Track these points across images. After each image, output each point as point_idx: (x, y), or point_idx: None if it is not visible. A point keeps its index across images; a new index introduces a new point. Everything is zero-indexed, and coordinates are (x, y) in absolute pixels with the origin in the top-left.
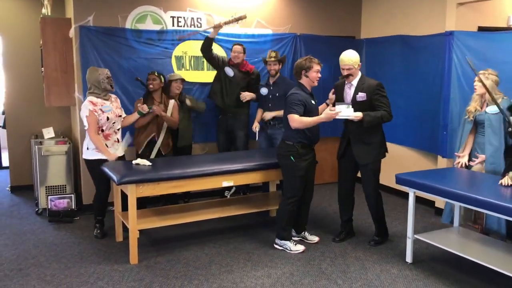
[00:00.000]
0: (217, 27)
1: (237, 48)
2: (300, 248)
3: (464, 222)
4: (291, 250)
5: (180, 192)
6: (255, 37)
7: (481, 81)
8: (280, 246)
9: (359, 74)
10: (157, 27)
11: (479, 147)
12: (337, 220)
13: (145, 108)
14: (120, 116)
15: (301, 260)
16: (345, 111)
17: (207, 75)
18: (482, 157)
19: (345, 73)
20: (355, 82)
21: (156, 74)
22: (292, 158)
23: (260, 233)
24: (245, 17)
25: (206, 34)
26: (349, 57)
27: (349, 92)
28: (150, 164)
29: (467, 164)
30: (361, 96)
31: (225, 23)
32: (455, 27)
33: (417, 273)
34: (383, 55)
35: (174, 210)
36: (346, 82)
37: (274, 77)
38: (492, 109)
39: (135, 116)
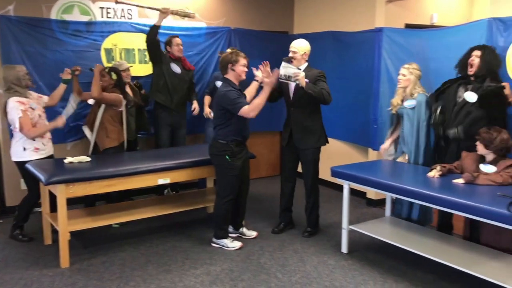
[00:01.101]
0: (164, 12)
1: (179, 40)
2: (237, 244)
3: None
4: (228, 247)
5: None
6: (188, 30)
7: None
8: (217, 244)
9: (306, 63)
10: (85, 18)
11: (402, 139)
12: (274, 215)
13: (67, 72)
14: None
15: (240, 256)
16: (290, 69)
17: (139, 68)
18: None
19: (290, 54)
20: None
21: (106, 70)
22: (227, 157)
23: (197, 230)
24: (194, 16)
25: (137, 26)
26: (297, 43)
27: None
28: (89, 160)
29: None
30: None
31: (172, 13)
32: (384, 24)
33: (353, 262)
34: (315, 50)
35: (107, 210)
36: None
37: None
38: (409, 103)
39: (61, 87)
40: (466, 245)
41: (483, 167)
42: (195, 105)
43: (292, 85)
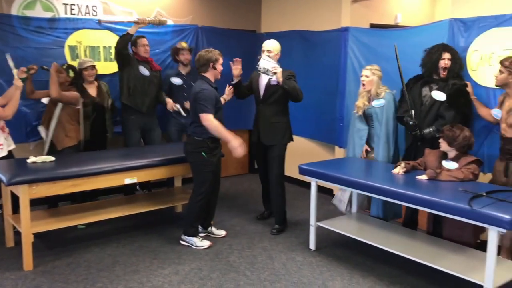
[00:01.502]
0: (141, 23)
1: (145, 41)
2: (206, 243)
3: (359, 208)
4: (197, 246)
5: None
6: (155, 28)
7: (396, 55)
8: (186, 242)
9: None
10: (48, 15)
11: (371, 139)
12: (243, 213)
13: (22, 71)
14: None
15: (209, 255)
16: (270, 63)
17: (105, 66)
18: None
19: (265, 53)
20: None
21: (63, 66)
22: (204, 154)
23: (165, 230)
24: (165, 23)
25: (102, 23)
26: (271, 43)
27: (264, 78)
28: (53, 160)
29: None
30: (275, 80)
31: (149, 22)
32: (350, 24)
33: (321, 258)
34: (282, 49)
35: (72, 210)
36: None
37: (186, 66)
38: (377, 102)
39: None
40: (429, 240)
41: (446, 164)
42: (168, 100)
43: (262, 83)
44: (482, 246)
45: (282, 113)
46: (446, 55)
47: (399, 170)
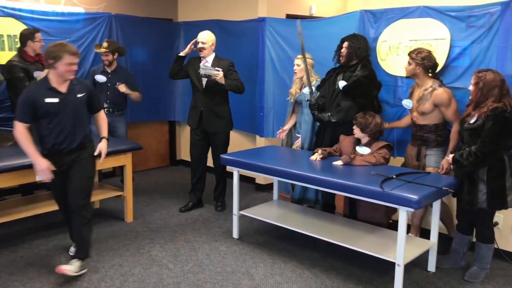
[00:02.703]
0: None
1: (40, 35)
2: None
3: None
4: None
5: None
6: (65, 16)
7: (305, 60)
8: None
9: (213, 54)
10: None
11: (299, 125)
12: (166, 206)
13: None
14: None
15: (130, 250)
16: (210, 70)
17: (10, 56)
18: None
19: (199, 45)
20: (210, 59)
21: None
22: None
23: None
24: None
25: (6, 10)
26: (205, 34)
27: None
28: None
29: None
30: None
31: None
32: (267, 14)
33: (244, 247)
34: None
35: None
36: (201, 59)
37: (109, 66)
38: (306, 90)
39: None
40: (346, 222)
41: (359, 149)
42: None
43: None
44: (394, 225)
45: (223, 103)
46: (345, 44)
47: (316, 156)
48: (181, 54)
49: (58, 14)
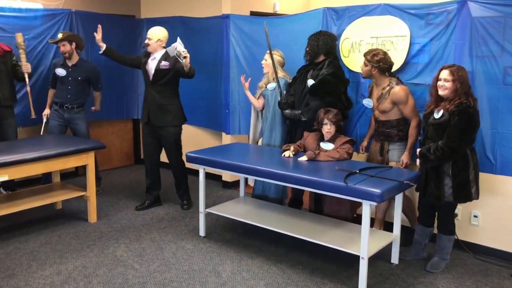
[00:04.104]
0: None
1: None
2: None
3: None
4: None
5: None
6: (22, 12)
7: (271, 57)
8: None
9: (163, 50)
10: None
11: (264, 120)
12: (130, 205)
13: None
14: None
15: (94, 251)
16: (182, 48)
17: None
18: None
19: (145, 41)
20: (158, 55)
21: None
22: None
23: (45, 229)
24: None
25: None
26: (151, 30)
27: (151, 62)
28: None
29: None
30: (165, 64)
31: None
32: (231, 11)
33: (210, 244)
34: None
35: None
36: (150, 54)
37: (70, 59)
38: (270, 85)
39: None
40: (312, 217)
41: (323, 145)
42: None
43: (152, 66)
44: (358, 219)
45: (172, 96)
46: (309, 42)
47: (289, 153)
48: (101, 52)
49: (15, 10)
